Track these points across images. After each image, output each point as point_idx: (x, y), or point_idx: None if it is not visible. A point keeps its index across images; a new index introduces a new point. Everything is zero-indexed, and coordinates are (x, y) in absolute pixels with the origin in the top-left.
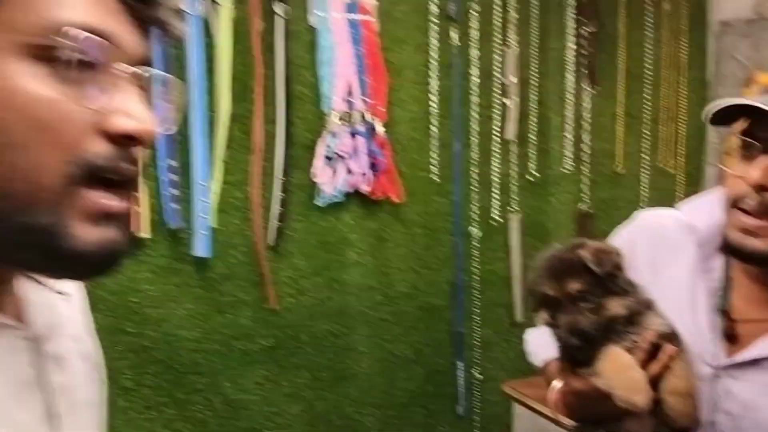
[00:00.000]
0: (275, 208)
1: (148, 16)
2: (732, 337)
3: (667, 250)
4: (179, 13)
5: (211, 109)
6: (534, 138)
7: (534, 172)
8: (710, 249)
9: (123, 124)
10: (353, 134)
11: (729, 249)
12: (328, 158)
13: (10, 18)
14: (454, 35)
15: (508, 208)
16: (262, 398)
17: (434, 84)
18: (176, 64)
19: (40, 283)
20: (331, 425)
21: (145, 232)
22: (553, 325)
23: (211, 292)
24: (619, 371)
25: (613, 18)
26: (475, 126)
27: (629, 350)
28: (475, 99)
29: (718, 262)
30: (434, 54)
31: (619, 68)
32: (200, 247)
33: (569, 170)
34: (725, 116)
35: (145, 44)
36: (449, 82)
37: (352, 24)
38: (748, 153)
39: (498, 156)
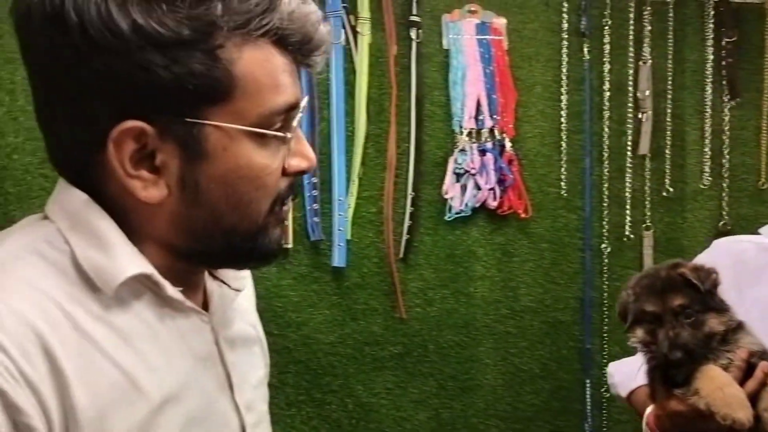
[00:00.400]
0: (406, 222)
1: (310, 67)
2: None
3: (749, 273)
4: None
5: (349, 129)
6: (669, 152)
7: (669, 188)
8: None
9: (299, 165)
10: (482, 151)
11: None
12: (457, 174)
13: (240, 109)
14: (586, 50)
15: (642, 224)
16: (391, 403)
17: (565, 99)
18: (319, 89)
19: (221, 281)
20: None
21: (288, 242)
22: (649, 342)
23: (346, 299)
24: (718, 389)
25: (757, 26)
26: (606, 141)
27: (724, 368)
28: (606, 114)
29: None
30: (565, 70)
31: (765, 79)
32: (337, 258)
33: (707, 186)
34: None
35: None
36: (580, 98)
37: (482, 44)
38: None
39: (631, 171)
